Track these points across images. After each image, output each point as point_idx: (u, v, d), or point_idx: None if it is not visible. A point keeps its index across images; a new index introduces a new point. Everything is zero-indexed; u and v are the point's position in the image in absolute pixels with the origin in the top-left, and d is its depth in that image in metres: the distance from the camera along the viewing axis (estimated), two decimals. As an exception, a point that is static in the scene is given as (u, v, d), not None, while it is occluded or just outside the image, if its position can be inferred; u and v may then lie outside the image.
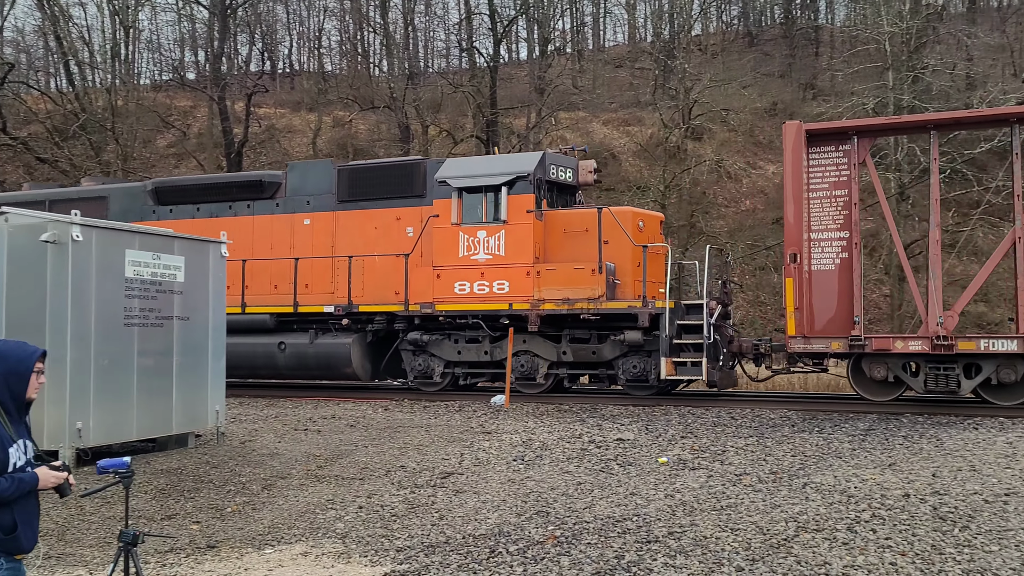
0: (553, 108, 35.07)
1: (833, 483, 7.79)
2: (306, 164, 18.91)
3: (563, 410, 12.94)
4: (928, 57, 32.33)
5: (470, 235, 14.73)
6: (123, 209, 17.47)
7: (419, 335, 15.14)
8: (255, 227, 16.77)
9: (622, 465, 8.94)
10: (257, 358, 15.97)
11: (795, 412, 12.32)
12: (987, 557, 5.58)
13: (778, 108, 38.71)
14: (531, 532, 6.69)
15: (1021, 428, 10.41)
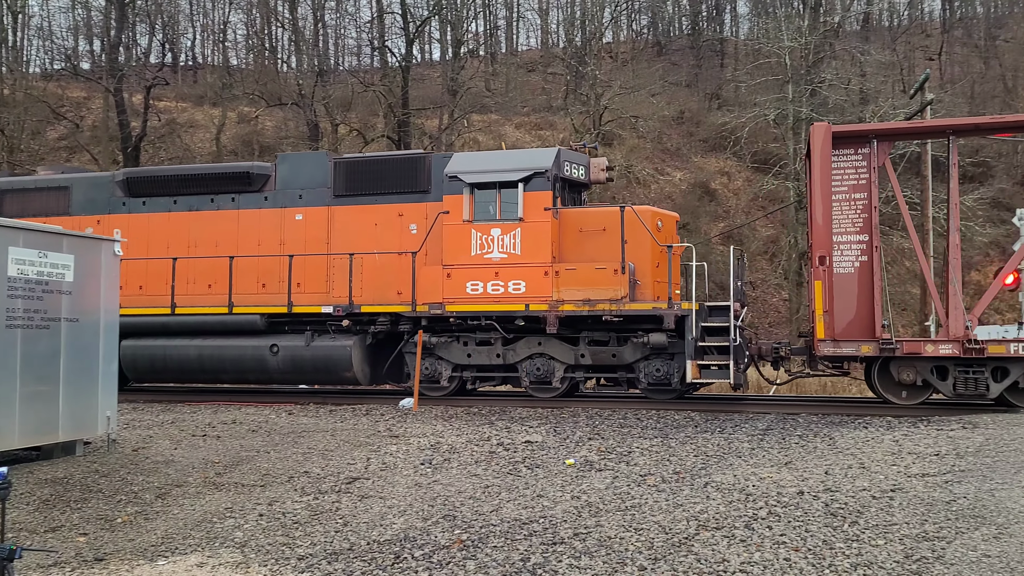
0: (466, 110, 35.09)
1: (733, 482, 7.97)
2: (298, 156, 17.86)
3: (472, 413, 12.89)
4: (825, 72, 33.67)
5: (483, 233, 14.15)
6: (87, 200, 16.61)
7: (427, 337, 14.42)
8: (240, 222, 15.86)
9: (530, 467, 8.95)
10: (245, 362, 15.14)
11: (699, 413, 12.59)
12: (873, 551, 5.79)
13: (685, 116, 39.71)
14: (437, 537, 6.62)
15: (907, 427, 10.90)
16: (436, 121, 35.17)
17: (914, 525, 6.31)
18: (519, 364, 14.35)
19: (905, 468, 8.31)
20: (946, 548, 5.74)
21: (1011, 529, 6.02)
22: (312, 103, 33.00)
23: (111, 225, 16.27)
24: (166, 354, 15.54)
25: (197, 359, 15.37)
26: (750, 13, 50.36)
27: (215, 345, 15.24)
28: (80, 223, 16.48)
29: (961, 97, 40.47)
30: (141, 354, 15.63)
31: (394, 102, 31.84)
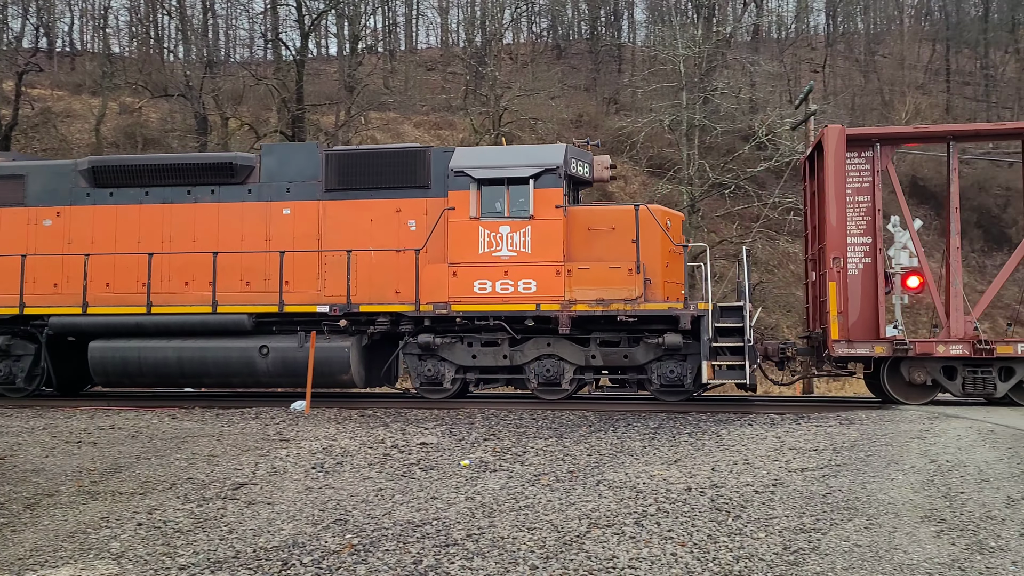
0: (363, 107, 34.57)
1: (624, 480, 8.11)
2: (285, 147, 16.89)
3: (367, 415, 12.70)
4: (717, 80, 34.76)
5: (491, 230, 13.73)
6: (45, 191, 15.45)
7: (431, 338, 13.93)
8: (221, 216, 14.92)
9: (424, 469, 8.88)
10: (231, 364, 14.25)
11: (593, 413, 12.76)
12: (755, 543, 5.99)
13: (583, 120, 40.25)
14: (327, 542, 6.48)
15: (789, 424, 11.34)
16: (332, 117, 34.53)
17: (793, 518, 6.56)
18: (527, 366, 14.04)
19: (786, 463, 8.64)
20: (821, 539, 5.99)
21: (880, 520, 6.33)
22: (200, 95, 31.87)
23: (73, 217, 15.33)
24: (141, 356, 14.52)
25: (176, 362, 14.43)
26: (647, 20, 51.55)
27: (196, 347, 14.36)
28: (38, 215, 15.48)
29: (843, 108, 42.51)
30: (112, 356, 14.63)
31: (288, 97, 31.06)
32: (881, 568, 5.39)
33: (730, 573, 5.48)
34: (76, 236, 15.21)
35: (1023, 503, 6.45)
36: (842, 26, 54.70)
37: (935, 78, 48.45)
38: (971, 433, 9.37)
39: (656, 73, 37.14)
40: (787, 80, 42.98)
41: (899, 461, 8.25)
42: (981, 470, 7.54)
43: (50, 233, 15.30)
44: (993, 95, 45.51)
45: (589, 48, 49.81)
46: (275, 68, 35.10)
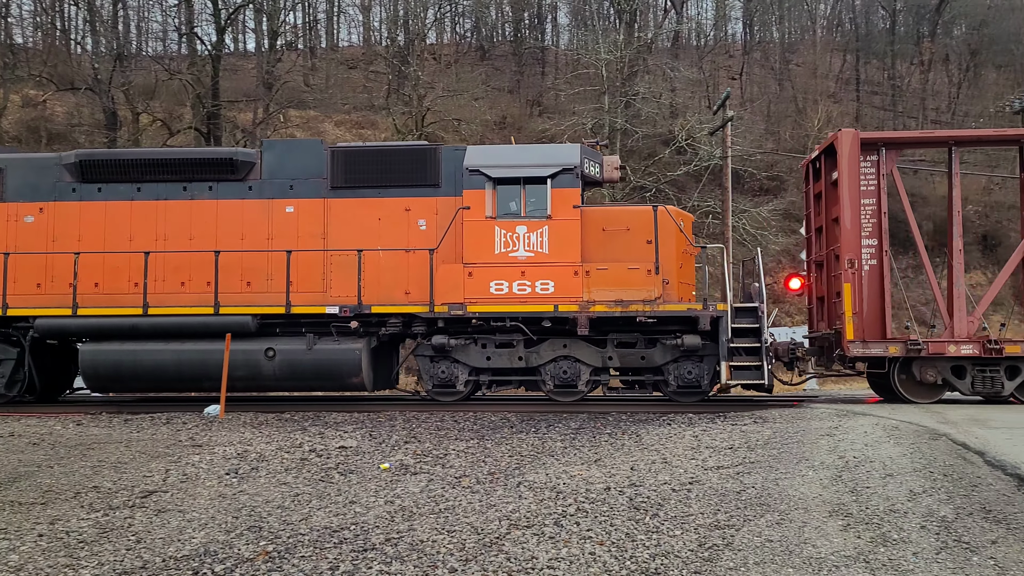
0: (282, 104, 33.96)
1: (545, 480, 8.14)
2: (288, 143, 16.16)
3: (284, 419, 12.46)
4: (639, 85, 35.33)
5: (508, 230, 13.60)
6: (26, 185, 14.61)
7: (446, 339, 13.68)
8: (220, 213, 14.38)
9: (343, 473, 8.75)
10: (235, 368, 13.57)
11: (515, 415, 12.78)
12: (671, 541, 6.08)
13: (507, 122, 40.34)
14: (241, 549, 6.31)
15: (706, 423, 11.58)
16: (250, 115, 33.80)
17: (708, 515, 6.68)
18: (542, 367, 13.93)
19: (703, 461, 8.81)
20: (735, 535, 6.12)
21: (791, 515, 6.50)
22: (110, 89, 30.80)
23: (58, 213, 14.58)
24: (136, 360, 13.87)
25: (174, 365, 13.83)
26: (570, 24, 52.01)
27: (197, 349, 13.77)
28: (18, 211, 14.57)
29: (759, 115, 43.71)
30: (104, 360, 13.94)
31: (203, 92, 30.25)
32: (791, 562, 5.53)
33: (647, 571, 5.54)
34: (61, 233, 14.51)
35: (924, 496, 6.71)
36: (759, 35, 56.23)
37: (846, 87, 50.20)
38: (877, 430, 9.71)
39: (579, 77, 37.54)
40: (706, 86, 43.94)
41: (809, 458, 8.50)
42: (886, 465, 7.82)
43: (32, 230, 14.55)
44: (899, 104, 47.41)
45: (513, 50, 49.98)
46: (190, 63, 34.11)
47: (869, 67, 51.51)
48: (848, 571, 5.32)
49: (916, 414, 11.18)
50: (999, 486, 6.94)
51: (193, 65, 32.71)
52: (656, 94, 36.21)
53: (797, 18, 57.79)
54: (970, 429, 9.48)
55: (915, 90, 47.81)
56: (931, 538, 5.78)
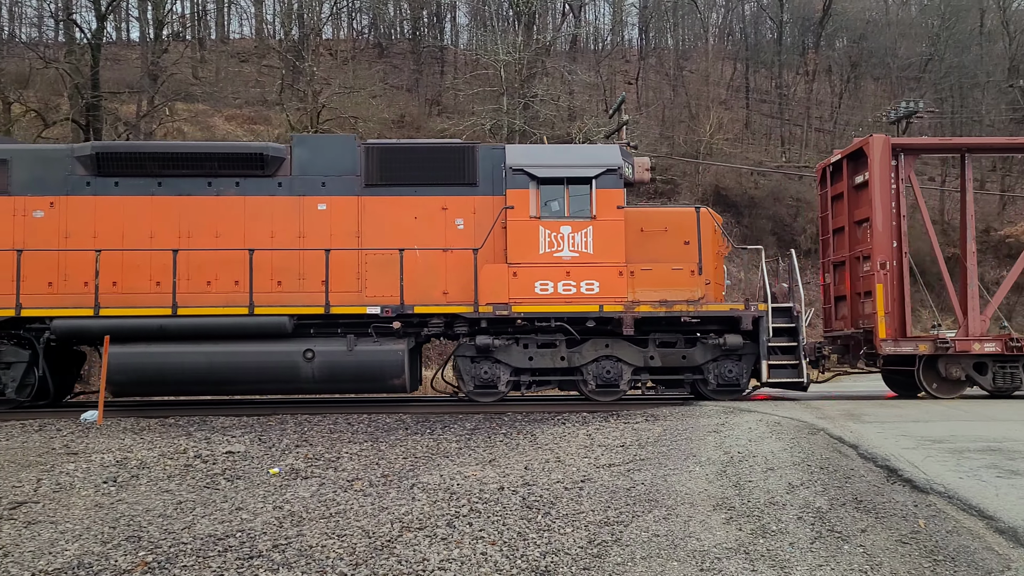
0: (169, 97, 32.70)
1: (439, 482, 8.10)
2: (319, 138, 15.32)
3: (167, 424, 12.01)
4: (537, 87, 35.66)
5: (552, 230, 13.46)
6: (34, 178, 13.61)
7: (491, 340, 13.46)
8: (247, 210, 13.72)
9: (229, 479, 8.50)
10: (271, 370, 13.09)
11: (410, 416, 12.71)
12: (562, 538, 6.16)
13: (405, 121, 40.06)
14: (118, 560, 6.04)
15: (599, 422, 11.78)
16: (133, 107, 32.40)
17: (598, 512, 6.79)
18: (584, 367, 13.82)
19: (595, 459, 8.95)
20: (623, 531, 6.24)
21: (678, 510, 6.68)
22: (-24, 76, 28.99)
23: (70, 208, 13.62)
24: (165, 362, 13.12)
25: (207, 368, 13.13)
26: (470, 24, 52.06)
27: (230, 351, 13.14)
28: (25, 204, 13.48)
29: (654, 120, 44.79)
30: (131, 363, 13.05)
31: (82, 83, 28.74)
32: (676, 555, 5.68)
33: (537, 569, 5.59)
34: (75, 229, 13.60)
35: (801, 489, 7.01)
36: (654, 41, 57.62)
37: (736, 94, 52.03)
38: (761, 426, 10.08)
39: (478, 77, 37.62)
40: (603, 90, 44.75)
41: (697, 454, 8.75)
42: (767, 460, 8.13)
43: (42, 226, 13.61)
44: (786, 112, 49.42)
45: (411, 48, 49.68)
46: (67, 51, 32.39)
47: (758, 76, 53.52)
48: (729, 562, 5.50)
49: (797, 410, 11.67)
50: (870, 477, 7.31)
51: (71, 54, 31.01)
52: (554, 96, 36.64)
53: (690, 26, 59.57)
54: (845, 424, 9.96)
55: (800, 99, 49.93)
56: (807, 529, 6.03)
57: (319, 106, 31.98)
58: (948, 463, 7.49)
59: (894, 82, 51.67)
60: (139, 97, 32.11)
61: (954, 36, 51.23)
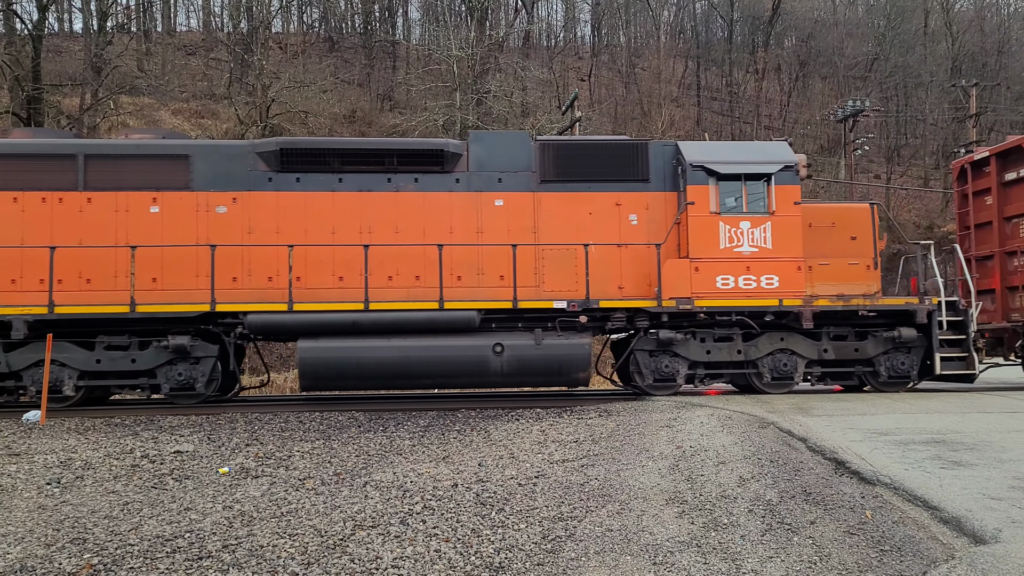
0: (113, 90, 31.98)
1: (392, 479, 8.05)
2: (496, 135, 15.16)
3: (113, 424, 11.75)
4: (490, 83, 35.65)
5: (732, 225, 13.70)
6: (216, 174, 13.69)
7: (673, 333, 13.68)
8: (426, 206, 13.94)
9: (178, 479, 8.34)
10: (461, 364, 13.31)
11: (362, 413, 12.61)
12: (516, 535, 6.16)
13: (357, 116, 39.73)
14: (63, 563, 5.89)
15: (553, 417, 11.81)
16: (76, 100, 31.62)
17: (552, 507, 6.81)
18: (759, 360, 13.99)
19: (549, 455, 8.97)
20: (577, 526, 6.26)
21: (631, 504, 6.73)
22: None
23: (252, 203, 13.72)
24: (358, 357, 13.17)
25: (399, 362, 13.24)
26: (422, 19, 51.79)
27: (422, 346, 13.29)
28: (208, 200, 13.45)
29: (606, 116, 45.09)
30: (324, 357, 13.13)
31: (23, 75, 27.96)
32: (629, 549, 5.72)
33: (491, 565, 5.58)
34: (257, 225, 13.70)
35: (752, 482, 7.10)
36: (606, 38, 57.98)
37: (688, 92, 52.63)
38: (712, 420, 10.20)
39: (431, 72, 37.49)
40: (556, 87, 44.89)
41: (650, 448, 8.82)
42: (719, 453, 8.22)
43: (225, 221, 13.65)
44: (736, 110, 50.12)
45: (363, 43, 49.28)
46: (7, 42, 31.48)
47: (709, 74, 54.19)
48: (682, 556, 5.55)
49: (748, 404, 11.83)
50: (819, 470, 7.44)
51: (11, 45, 30.14)
52: (507, 92, 36.66)
53: (642, 23, 60.07)
54: (795, 417, 10.12)
55: (750, 97, 50.67)
56: (757, 521, 6.12)
57: (268, 100, 31.57)
58: (894, 455, 7.65)
59: (841, 81, 52.72)
60: (82, 90, 31.36)
61: (899, 36, 52.48)
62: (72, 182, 13.48)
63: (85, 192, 13.50)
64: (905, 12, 53.61)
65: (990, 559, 4.92)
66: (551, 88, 44.46)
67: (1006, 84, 50.57)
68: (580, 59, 54.80)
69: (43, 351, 12.60)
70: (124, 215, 13.50)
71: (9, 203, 13.39)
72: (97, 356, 13.15)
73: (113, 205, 13.51)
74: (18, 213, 13.38)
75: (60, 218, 13.42)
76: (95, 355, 13.15)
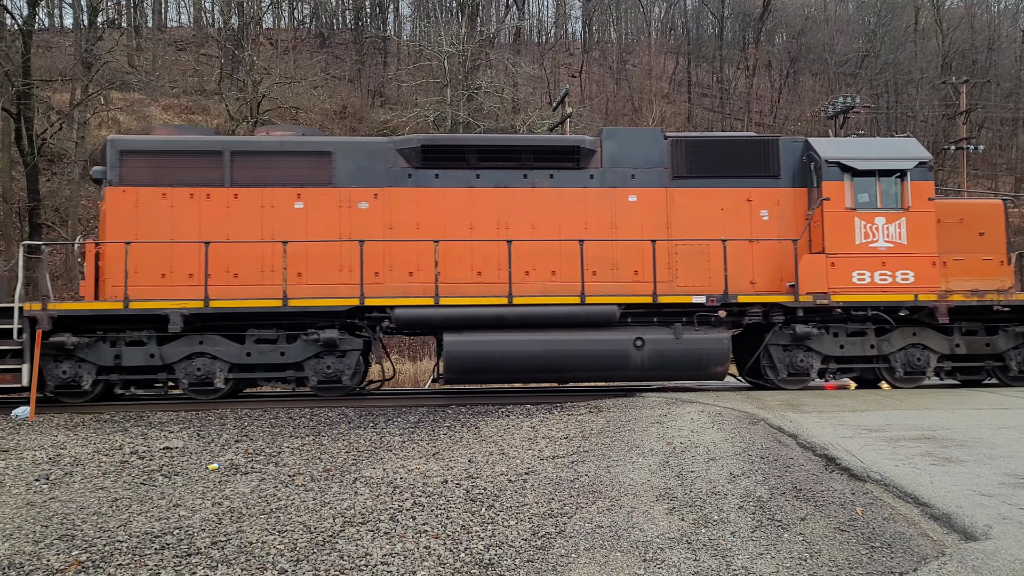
0: (103, 86, 31.78)
1: (382, 476, 8.03)
2: (629, 131, 15.24)
3: (102, 420, 11.69)
4: (481, 79, 35.58)
5: (867, 221, 13.79)
6: (358, 169, 13.89)
7: (810, 328, 13.73)
8: (561, 202, 14.09)
9: (167, 476, 8.30)
10: (602, 358, 13.37)
11: (352, 409, 12.58)
12: (506, 531, 6.15)
13: (348, 112, 39.61)
14: (51, 560, 5.85)
15: (543, 414, 11.80)
16: (67, 95, 31.42)
17: (542, 504, 6.80)
18: (891, 355, 14.06)
19: (539, 452, 8.96)
20: (567, 523, 6.26)
21: (621, 501, 6.72)
22: None
23: (392, 199, 13.90)
24: (503, 351, 13.23)
25: (543, 356, 13.34)
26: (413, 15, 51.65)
27: (565, 340, 13.34)
28: (350, 196, 13.82)
29: (597, 113, 45.07)
30: (471, 351, 13.18)
31: (12, 70, 27.72)
32: (619, 546, 5.71)
33: (481, 562, 5.57)
34: (397, 220, 13.89)
35: (743, 479, 7.11)
36: (597, 35, 57.97)
37: (678, 88, 52.67)
38: (702, 416, 10.20)
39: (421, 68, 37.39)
40: (547, 83, 44.85)
41: (640, 445, 8.82)
42: (709, 450, 8.22)
43: (366, 217, 13.83)
44: (727, 107, 50.18)
45: (354, 39, 49.11)
46: (-4, 37, 31.29)
47: (700, 70, 54.24)
48: (672, 552, 5.55)
49: (738, 400, 11.84)
50: (809, 466, 7.45)
51: (1, 40, 29.92)
52: (498, 89, 36.58)
53: (633, 20, 60.07)
54: (785, 414, 10.13)
55: (741, 93, 50.74)
56: (748, 517, 6.12)
57: (259, 96, 31.44)
58: (884, 451, 7.67)
59: (831, 77, 52.83)
60: (72, 85, 31.14)
61: (890, 33, 52.61)
62: (219, 178, 13.69)
63: (231, 188, 13.71)
64: (895, 9, 53.77)
65: (981, 555, 4.93)
66: (542, 84, 44.41)
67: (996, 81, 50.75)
68: (571, 55, 54.77)
69: (196, 344, 12.96)
70: (270, 211, 13.72)
71: (158, 199, 13.54)
72: (247, 349, 13.24)
73: (259, 201, 13.74)
74: (167, 209, 13.54)
75: (208, 214, 13.59)
76: (245, 348, 13.24)
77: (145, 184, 13.50)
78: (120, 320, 12.98)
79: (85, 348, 12.85)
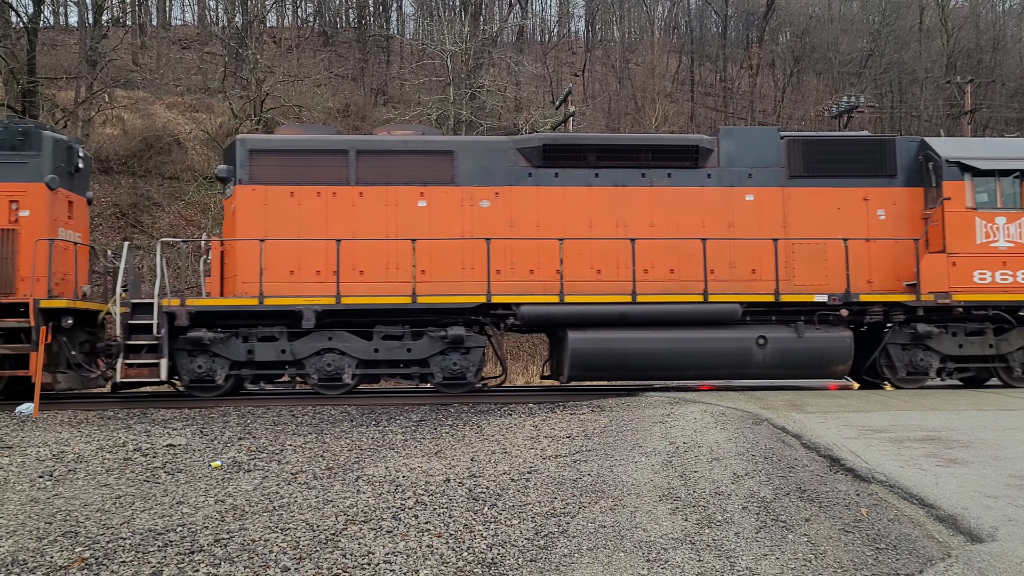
0: (108, 84, 31.79)
1: (384, 474, 8.03)
2: (745, 131, 15.50)
3: (106, 416, 11.71)
4: (484, 78, 35.54)
5: (988, 221, 13.98)
6: (479, 168, 14.15)
7: (931, 327, 13.85)
8: (679, 200, 14.26)
9: (170, 473, 8.31)
10: (724, 356, 13.56)
11: (355, 408, 12.58)
12: (508, 530, 6.14)
13: (351, 110, 39.56)
14: (54, 557, 5.86)
15: (546, 413, 11.80)
16: (71, 93, 31.43)
17: (545, 503, 6.79)
18: (1010, 355, 14.16)
19: (541, 451, 8.95)
20: (570, 522, 6.25)
21: (624, 500, 6.71)
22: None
23: (514, 198, 14.12)
24: (627, 348, 13.46)
25: (666, 354, 13.55)
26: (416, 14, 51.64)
27: (688, 337, 13.57)
28: (472, 195, 14.06)
29: (600, 112, 45.00)
30: (595, 348, 13.41)
31: (17, 68, 27.74)
32: (622, 546, 5.70)
33: (484, 561, 5.56)
34: (518, 219, 14.11)
35: (746, 479, 7.09)
36: (600, 33, 57.89)
37: (681, 87, 52.53)
38: (706, 416, 10.18)
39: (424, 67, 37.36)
40: (550, 82, 44.78)
41: (643, 444, 8.80)
42: (712, 450, 8.20)
43: (487, 215, 14.08)
44: (730, 106, 50.08)
45: (357, 37, 49.06)
46: (2, 35, 31.27)
47: (703, 69, 54.12)
48: (675, 553, 5.53)
49: (741, 400, 11.82)
50: (813, 467, 7.43)
51: (6, 38, 29.92)
52: (501, 87, 36.53)
53: (636, 18, 59.97)
54: (789, 414, 10.11)
55: (744, 92, 50.63)
56: (751, 518, 6.10)
57: (262, 94, 31.44)
58: (889, 452, 7.65)
59: (836, 77, 52.72)
60: (77, 83, 31.16)
61: (894, 32, 52.46)
62: (344, 177, 13.92)
63: (357, 187, 13.92)
64: (900, 8, 53.61)
65: (987, 557, 4.91)
66: (544, 83, 44.34)
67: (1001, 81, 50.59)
68: (574, 54, 54.67)
69: (325, 340, 13.19)
70: (394, 209, 13.92)
71: (286, 197, 13.79)
72: (375, 346, 13.42)
73: (383, 199, 13.94)
74: (295, 207, 13.77)
75: (334, 211, 13.82)
76: (373, 344, 13.41)
77: (274, 182, 13.77)
78: (253, 316, 13.20)
79: (220, 343, 13.07)
